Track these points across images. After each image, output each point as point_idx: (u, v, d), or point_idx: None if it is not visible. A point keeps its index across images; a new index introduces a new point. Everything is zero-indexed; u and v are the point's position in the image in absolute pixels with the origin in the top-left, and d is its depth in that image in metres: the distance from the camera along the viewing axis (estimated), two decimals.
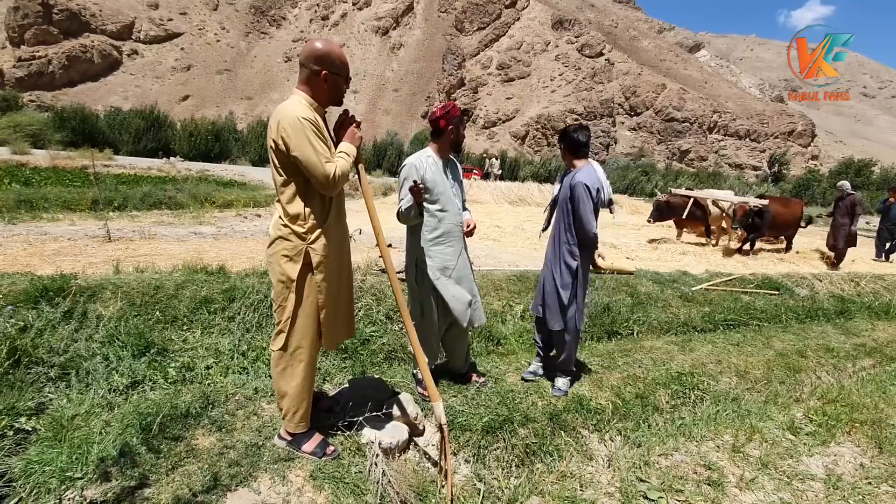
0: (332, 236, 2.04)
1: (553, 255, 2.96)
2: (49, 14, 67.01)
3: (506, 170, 30.21)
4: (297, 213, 1.94)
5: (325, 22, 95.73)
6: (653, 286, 5.50)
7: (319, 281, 1.99)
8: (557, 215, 2.96)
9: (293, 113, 1.86)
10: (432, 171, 2.66)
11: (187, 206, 10.10)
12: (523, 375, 3.09)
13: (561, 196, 2.94)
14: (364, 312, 4.11)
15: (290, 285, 1.97)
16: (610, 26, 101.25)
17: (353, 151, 2.03)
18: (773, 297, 5.97)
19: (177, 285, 3.87)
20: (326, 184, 1.88)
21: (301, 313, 1.99)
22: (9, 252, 5.18)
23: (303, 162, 1.86)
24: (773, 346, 4.35)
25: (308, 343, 2.02)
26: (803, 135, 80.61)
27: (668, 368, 3.48)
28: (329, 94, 2.01)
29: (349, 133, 2.07)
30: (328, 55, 1.96)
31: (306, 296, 1.98)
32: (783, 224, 8.78)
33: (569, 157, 2.95)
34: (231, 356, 3.07)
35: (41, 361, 2.96)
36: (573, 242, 2.90)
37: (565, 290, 2.89)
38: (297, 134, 1.83)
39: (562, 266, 2.89)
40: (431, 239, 2.70)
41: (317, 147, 1.86)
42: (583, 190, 2.78)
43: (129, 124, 25.08)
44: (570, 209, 2.84)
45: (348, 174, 1.96)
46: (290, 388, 2.00)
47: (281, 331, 2.02)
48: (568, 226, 2.89)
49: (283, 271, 1.97)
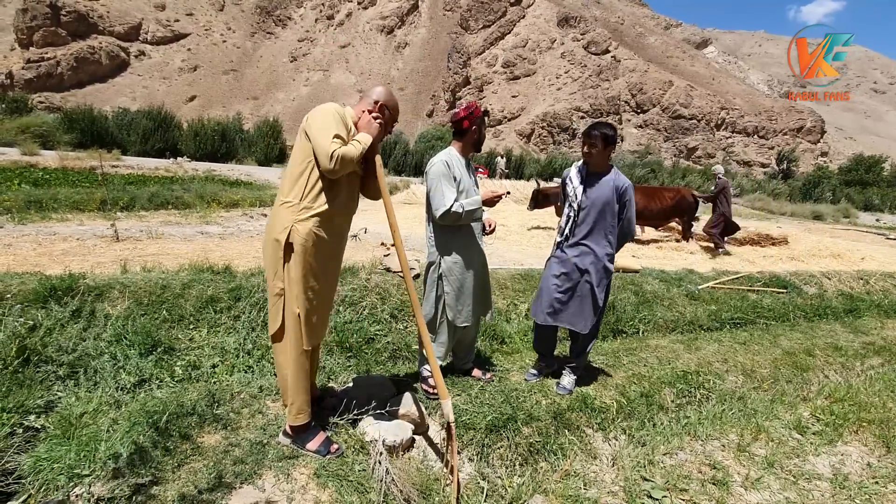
0: (324, 227, 2.05)
1: (590, 259, 2.83)
2: (57, 16, 67.70)
3: (511, 168, 30.16)
4: (296, 191, 2.02)
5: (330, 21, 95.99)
6: (658, 285, 5.48)
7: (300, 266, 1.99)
8: (591, 218, 2.81)
9: (326, 105, 2.04)
10: (459, 170, 2.75)
11: (194, 206, 10.18)
12: (526, 377, 3.08)
13: (598, 198, 2.79)
14: (369, 311, 4.12)
15: (278, 264, 2.01)
16: (616, 23, 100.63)
17: (367, 140, 2.07)
18: (781, 296, 5.92)
19: (183, 285, 3.90)
20: (325, 161, 1.93)
21: (288, 298, 2.01)
22: (19, 252, 5.24)
23: (312, 139, 1.95)
24: (781, 345, 4.31)
25: (298, 329, 2.03)
26: (812, 131, 79.74)
27: (674, 367, 3.46)
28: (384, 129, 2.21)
29: (365, 121, 2.13)
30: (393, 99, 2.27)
31: (291, 278, 2.00)
32: (650, 214, 8.79)
33: (605, 155, 2.81)
34: (236, 355, 3.10)
35: (50, 360, 3.00)
36: (614, 245, 2.88)
37: (601, 293, 2.87)
38: (321, 115, 1.98)
39: (601, 269, 2.85)
40: (459, 232, 2.76)
41: (331, 128, 1.95)
42: (633, 191, 2.83)
43: (136, 125, 25.27)
44: (617, 212, 2.81)
45: (355, 161, 1.99)
46: (286, 377, 2.02)
47: (274, 315, 2.04)
48: (611, 228, 2.83)
49: (272, 249, 2.02)
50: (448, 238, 2.76)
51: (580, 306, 2.87)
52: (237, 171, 18.13)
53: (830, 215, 23.27)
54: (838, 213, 24.15)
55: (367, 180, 2.22)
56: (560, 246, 2.97)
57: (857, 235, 14.40)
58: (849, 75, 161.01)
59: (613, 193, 2.79)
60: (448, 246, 2.77)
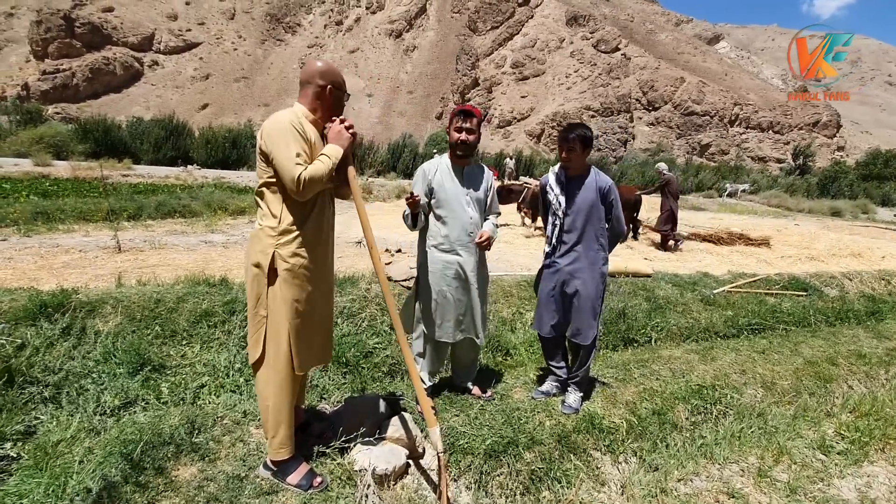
0: (308, 245, 1.92)
1: (582, 265, 2.70)
2: (71, 28, 69.15)
3: (521, 169, 29.91)
4: (272, 213, 1.89)
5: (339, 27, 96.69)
6: (672, 289, 5.26)
7: (286, 292, 1.87)
8: (579, 224, 2.69)
9: (280, 117, 1.86)
10: (441, 177, 2.60)
11: (201, 214, 10.16)
12: (533, 394, 2.91)
13: (582, 202, 2.67)
14: (368, 323, 3.99)
15: (261, 290, 1.89)
16: (626, 21, 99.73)
17: (338, 153, 1.91)
18: (801, 299, 5.65)
19: (178, 298, 3.80)
20: (293, 187, 1.78)
21: (271, 325, 1.88)
22: (19, 266, 5.21)
23: (274, 161, 1.80)
24: (802, 353, 4.07)
25: (281, 358, 1.90)
26: (828, 125, 77.98)
27: (688, 380, 3.26)
28: (330, 108, 2.02)
29: (334, 132, 1.97)
30: (331, 71, 2.01)
31: (277, 306, 1.87)
32: None
33: (583, 158, 2.70)
34: (226, 373, 2.98)
35: (36, 381, 2.91)
36: (605, 246, 2.76)
37: (599, 298, 2.75)
38: (277, 134, 1.81)
39: (597, 274, 2.72)
40: (435, 245, 2.63)
41: (291, 148, 1.79)
42: (616, 189, 2.72)
43: (149, 133, 25.58)
44: (604, 212, 2.70)
45: (326, 178, 1.84)
46: (267, 408, 1.89)
47: (255, 343, 1.91)
48: (601, 230, 2.72)
49: (253, 276, 1.90)
50: (423, 245, 2.67)
51: (580, 316, 2.73)
52: (247, 178, 18.19)
53: (849, 211, 22.64)
54: (856, 209, 23.51)
55: (340, 187, 2.07)
56: (551, 256, 2.85)
57: (877, 232, 13.93)
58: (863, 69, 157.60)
59: (597, 195, 2.69)
60: (423, 253, 2.68)
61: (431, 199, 2.60)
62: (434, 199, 2.60)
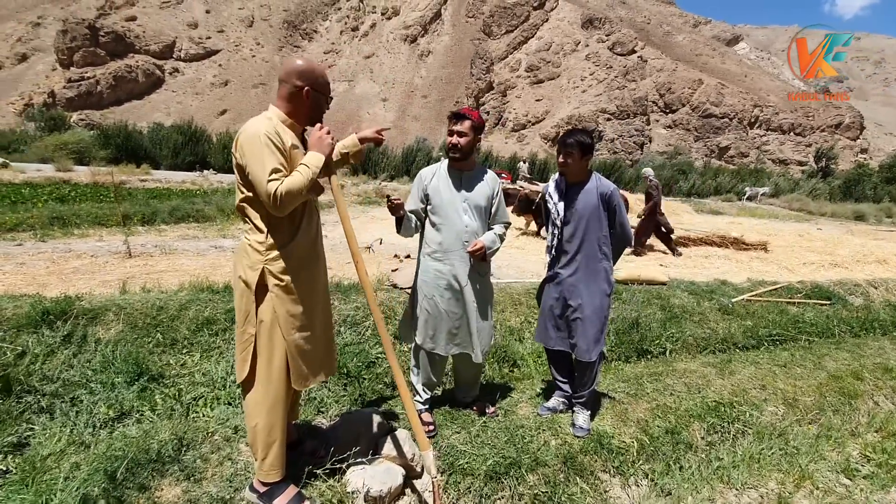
0: (299, 258, 1.83)
1: (585, 276, 2.57)
2: (96, 37, 71.12)
3: (535, 172, 29.68)
4: (258, 228, 1.79)
5: (355, 33, 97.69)
6: (688, 298, 5.07)
7: (281, 308, 1.79)
8: (580, 232, 2.56)
9: (254, 127, 1.73)
10: (437, 182, 2.50)
11: (214, 219, 10.24)
12: (539, 411, 2.77)
13: (583, 210, 2.55)
14: (372, 332, 3.90)
15: (249, 308, 1.80)
16: (642, 23, 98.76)
17: (319, 161, 1.79)
18: (824, 308, 5.41)
19: (180, 306, 3.77)
20: (267, 202, 1.67)
21: (262, 341, 1.79)
22: (30, 271, 5.26)
23: (249, 176, 1.70)
24: (826, 367, 3.86)
25: (273, 377, 1.81)
26: (851, 127, 75.87)
27: (704, 396, 3.09)
28: (310, 111, 1.89)
29: (314, 139, 1.84)
30: (311, 71, 1.86)
31: (269, 322, 1.78)
32: None
33: (583, 164, 2.58)
34: (223, 384, 2.91)
35: (33, 390, 2.89)
36: (609, 255, 2.62)
37: (605, 311, 2.60)
38: (251, 146, 1.69)
39: (602, 285, 2.58)
40: (429, 253, 2.52)
41: (266, 161, 1.67)
42: (619, 195, 2.59)
43: (168, 139, 26.05)
44: (606, 219, 2.57)
45: (306, 189, 1.72)
46: (255, 428, 1.81)
47: (242, 361, 1.83)
48: (604, 238, 2.58)
49: (241, 293, 1.81)
50: (422, 248, 2.56)
51: (583, 329, 2.58)
52: None
53: (873, 215, 21.94)
54: (881, 213, 22.76)
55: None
56: (552, 266, 2.72)
57: None
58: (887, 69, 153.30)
59: (599, 201, 2.56)
60: (418, 260, 2.58)
61: (427, 204, 2.50)
62: (430, 206, 2.49)
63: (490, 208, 2.59)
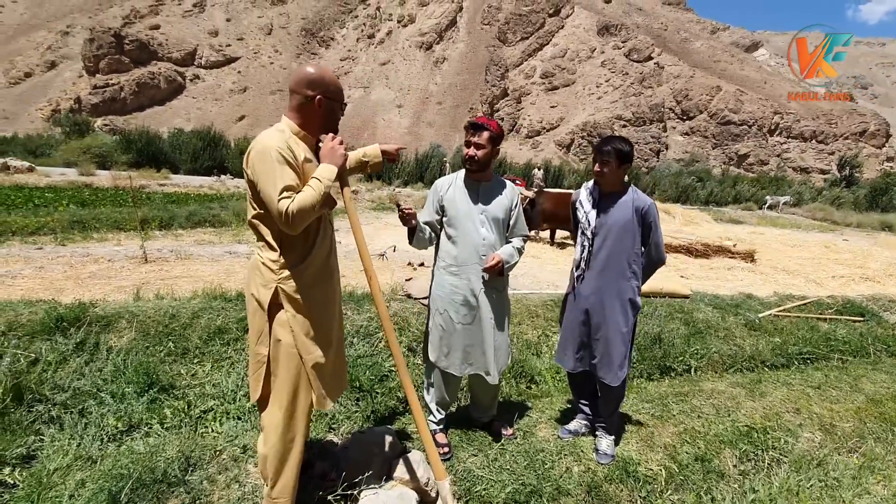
0: (314, 275, 1.75)
1: (610, 294, 2.42)
2: (121, 45, 73.10)
3: (550, 179, 29.46)
4: (271, 245, 1.71)
5: (371, 40, 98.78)
6: (712, 312, 4.88)
7: (297, 326, 1.70)
8: (608, 246, 2.42)
9: (265, 142, 1.64)
10: (453, 193, 2.40)
11: (230, 224, 10.30)
12: (560, 434, 2.63)
13: (615, 223, 2.40)
14: (385, 343, 3.80)
15: (262, 326, 1.72)
16: (659, 29, 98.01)
17: (332, 174, 1.70)
18: (857, 325, 5.16)
19: (193, 314, 3.73)
20: (279, 221, 1.59)
21: (276, 361, 1.71)
22: (48, 275, 5.30)
23: (261, 194, 1.62)
24: (863, 389, 3.65)
25: (288, 398, 1.72)
26: (877, 135, 73.99)
27: (735, 420, 2.92)
28: (323, 120, 1.80)
29: (326, 150, 1.75)
30: (321, 79, 1.77)
31: (284, 342, 1.70)
32: (558, 219, 8.85)
33: (620, 174, 2.42)
34: (233, 397, 2.84)
35: (44, 399, 2.85)
36: (639, 275, 2.46)
37: (630, 333, 2.45)
38: (262, 163, 1.60)
39: (626, 305, 2.42)
40: (444, 266, 2.42)
41: (277, 179, 1.58)
42: (657, 211, 2.43)
43: (187, 144, 26.50)
44: (639, 235, 2.42)
45: (319, 205, 1.63)
46: (267, 452, 1.72)
47: (255, 382, 1.75)
48: (635, 256, 2.42)
49: (254, 311, 1.74)
50: (437, 261, 2.47)
51: (606, 351, 2.43)
52: None
53: None
54: None
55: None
56: (577, 280, 2.56)
57: None
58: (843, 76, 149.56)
59: (633, 215, 2.39)
60: (433, 274, 2.49)
61: (443, 216, 2.40)
62: (445, 217, 2.39)
63: (508, 220, 2.48)
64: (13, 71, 75.22)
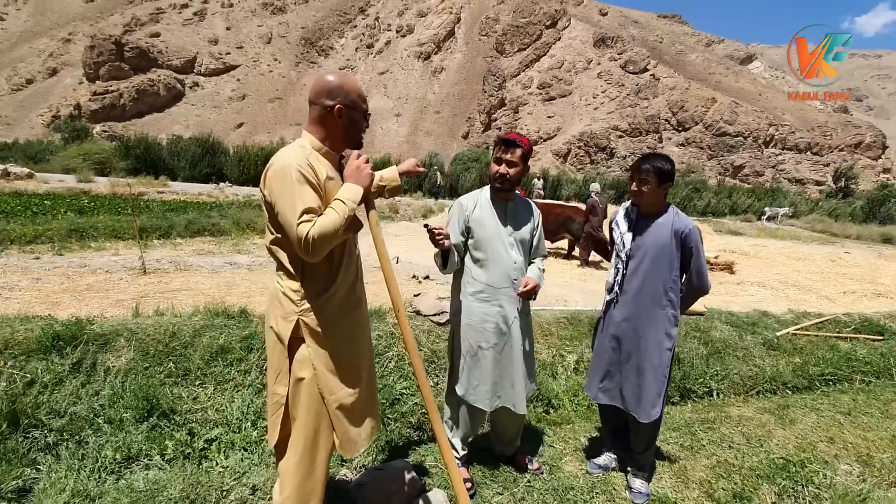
0: (339, 306, 1.61)
1: (644, 322, 2.27)
2: (121, 52, 73.29)
3: (548, 189, 29.45)
4: (291, 272, 1.56)
5: (370, 50, 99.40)
6: (729, 330, 4.74)
7: (321, 363, 1.55)
8: (643, 270, 2.27)
9: (284, 159, 1.50)
10: (480, 212, 2.23)
11: (229, 233, 10.14)
12: (589, 468, 2.48)
13: (651, 246, 2.25)
14: (395, 364, 3.64)
15: (282, 364, 1.57)
16: (655, 41, 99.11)
17: (357, 195, 1.55)
18: (877, 344, 5.04)
19: (194, 331, 3.56)
20: (298, 248, 1.45)
21: (296, 403, 1.57)
22: (44, 287, 5.13)
23: (278, 217, 1.48)
24: (895, 416, 3.51)
25: (308, 445, 1.57)
26: (872, 147, 74.74)
27: (769, 451, 2.78)
28: (344, 132, 1.65)
29: (351, 169, 1.60)
30: (341, 87, 1.63)
31: (306, 381, 1.55)
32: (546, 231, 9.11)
33: (660, 194, 2.26)
34: (239, 426, 2.67)
35: (40, 424, 2.68)
36: (676, 303, 2.29)
37: (665, 366, 2.27)
38: (280, 183, 1.47)
39: (661, 337, 2.26)
40: (472, 293, 2.24)
41: (297, 200, 1.44)
42: (700, 237, 2.26)
43: (186, 151, 26.36)
44: (678, 261, 2.25)
45: (341, 230, 1.48)
46: (283, 502, 1.56)
47: (272, 426, 1.59)
48: (672, 283, 2.26)
49: (273, 345, 1.59)
50: (458, 291, 2.30)
51: (640, 385, 2.26)
52: None
53: None
54: None
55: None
56: (610, 305, 2.41)
57: None
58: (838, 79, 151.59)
59: (672, 239, 2.22)
60: (457, 301, 2.31)
61: (469, 238, 2.24)
62: (472, 240, 2.23)
63: (532, 241, 2.36)
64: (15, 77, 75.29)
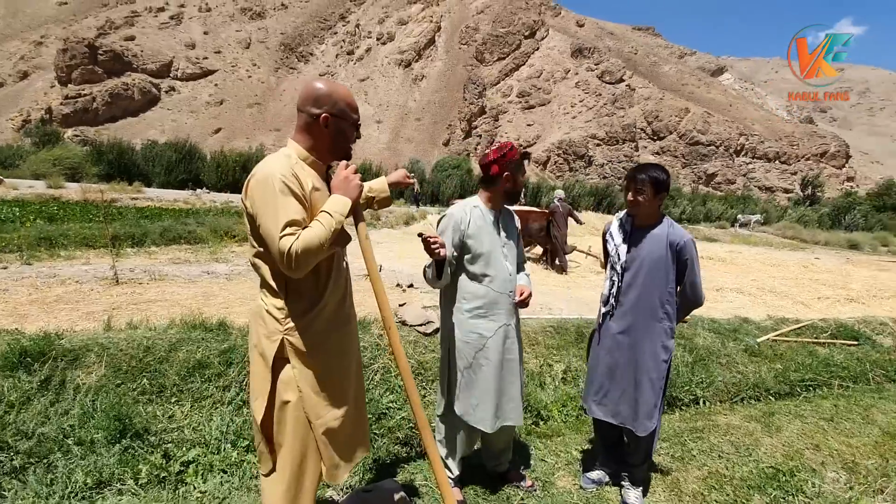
0: (327, 321, 1.53)
1: (640, 335, 2.23)
2: (95, 55, 71.45)
3: (528, 196, 29.70)
4: (274, 288, 1.47)
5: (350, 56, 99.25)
6: (712, 337, 4.79)
7: (306, 385, 1.47)
8: (639, 282, 2.23)
9: (267, 169, 1.43)
10: (477, 225, 2.14)
11: (206, 241, 9.86)
12: (582, 483, 2.43)
13: (647, 257, 2.22)
14: (381, 376, 3.55)
15: (265, 385, 1.48)
16: (630, 53, 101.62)
17: (345, 207, 1.48)
18: (853, 349, 5.16)
19: (170, 345, 3.40)
20: (282, 263, 1.37)
21: (280, 426, 1.48)
22: (11, 299, 4.87)
23: (260, 230, 1.40)
24: (875, 421, 3.57)
25: (294, 469, 1.48)
26: (837, 156, 77.98)
27: (757, 460, 2.78)
28: (331, 142, 1.57)
29: (339, 180, 1.53)
30: (329, 95, 1.55)
31: (291, 404, 1.47)
32: None
33: (655, 204, 2.23)
34: (218, 445, 2.55)
35: (6, 446, 2.50)
36: (672, 315, 2.26)
37: (661, 379, 2.24)
38: (262, 193, 1.39)
39: (657, 350, 2.22)
40: (469, 310, 2.13)
41: (279, 212, 1.37)
42: (695, 249, 2.25)
43: (161, 157, 25.73)
44: (674, 273, 2.22)
45: (326, 243, 1.39)
46: None
47: (262, 451, 1.50)
48: (668, 295, 2.22)
49: (256, 365, 1.50)
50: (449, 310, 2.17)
51: (636, 399, 2.24)
52: None
53: (867, 244, 22.00)
54: (875, 242, 22.81)
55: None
56: (606, 318, 2.37)
57: None
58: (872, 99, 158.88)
59: (667, 251, 2.20)
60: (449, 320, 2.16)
61: (465, 254, 2.13)
62: (468, 255, 2.12)
63: (518, 249, 2.31)
64: None
